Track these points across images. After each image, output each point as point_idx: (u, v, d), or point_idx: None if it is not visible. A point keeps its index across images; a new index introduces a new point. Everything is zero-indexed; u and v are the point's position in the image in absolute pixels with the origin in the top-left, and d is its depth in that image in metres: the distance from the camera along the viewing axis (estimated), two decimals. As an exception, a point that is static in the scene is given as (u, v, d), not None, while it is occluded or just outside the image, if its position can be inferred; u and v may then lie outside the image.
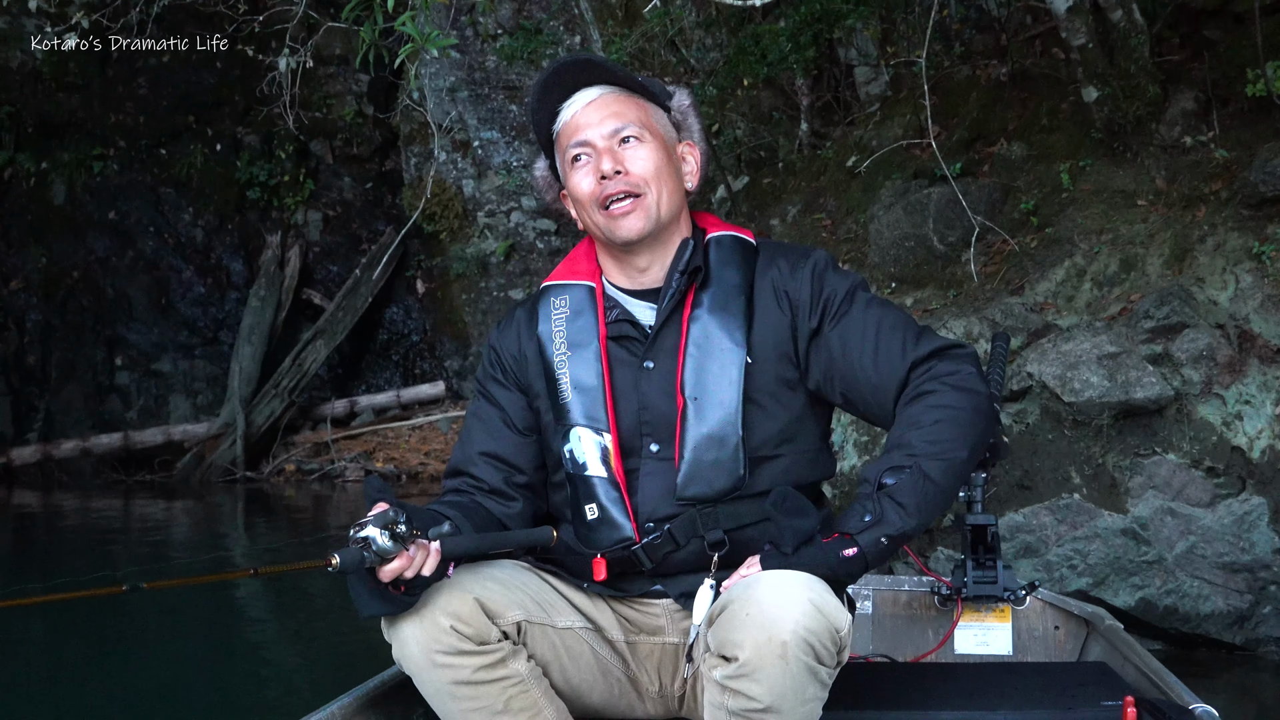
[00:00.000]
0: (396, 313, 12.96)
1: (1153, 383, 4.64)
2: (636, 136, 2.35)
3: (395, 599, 2.10)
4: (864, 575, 2.16)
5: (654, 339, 2.36)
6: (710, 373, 2.31)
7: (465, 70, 11.04)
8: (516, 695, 2.20)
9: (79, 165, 12.94)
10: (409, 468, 11.59)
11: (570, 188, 2.40)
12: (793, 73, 7.40)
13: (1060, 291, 5.34)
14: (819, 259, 2.39)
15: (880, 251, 6.07)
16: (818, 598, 2.03)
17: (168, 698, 4.91)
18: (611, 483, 2.33)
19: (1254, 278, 4.89)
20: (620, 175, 2.33)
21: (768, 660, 2.00)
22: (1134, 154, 5.61)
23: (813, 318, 2.34)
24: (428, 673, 2.16)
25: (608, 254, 2.44)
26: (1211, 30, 5.85)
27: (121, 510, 10.89)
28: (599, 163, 2.33)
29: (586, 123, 2.36)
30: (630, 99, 2.39)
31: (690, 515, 2.30)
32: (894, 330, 2.30)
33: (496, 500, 2.40)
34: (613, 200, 2.33)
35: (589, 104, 2.37)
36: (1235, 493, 4.55)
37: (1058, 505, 4.69)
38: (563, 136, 2.40)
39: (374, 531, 2.00)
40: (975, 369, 2.26)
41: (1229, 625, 4.57)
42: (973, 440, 2.20)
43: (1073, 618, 3.21)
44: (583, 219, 2.42)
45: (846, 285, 2.36)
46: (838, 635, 2.05)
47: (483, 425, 2.45)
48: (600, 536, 2.34)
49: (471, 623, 2.14)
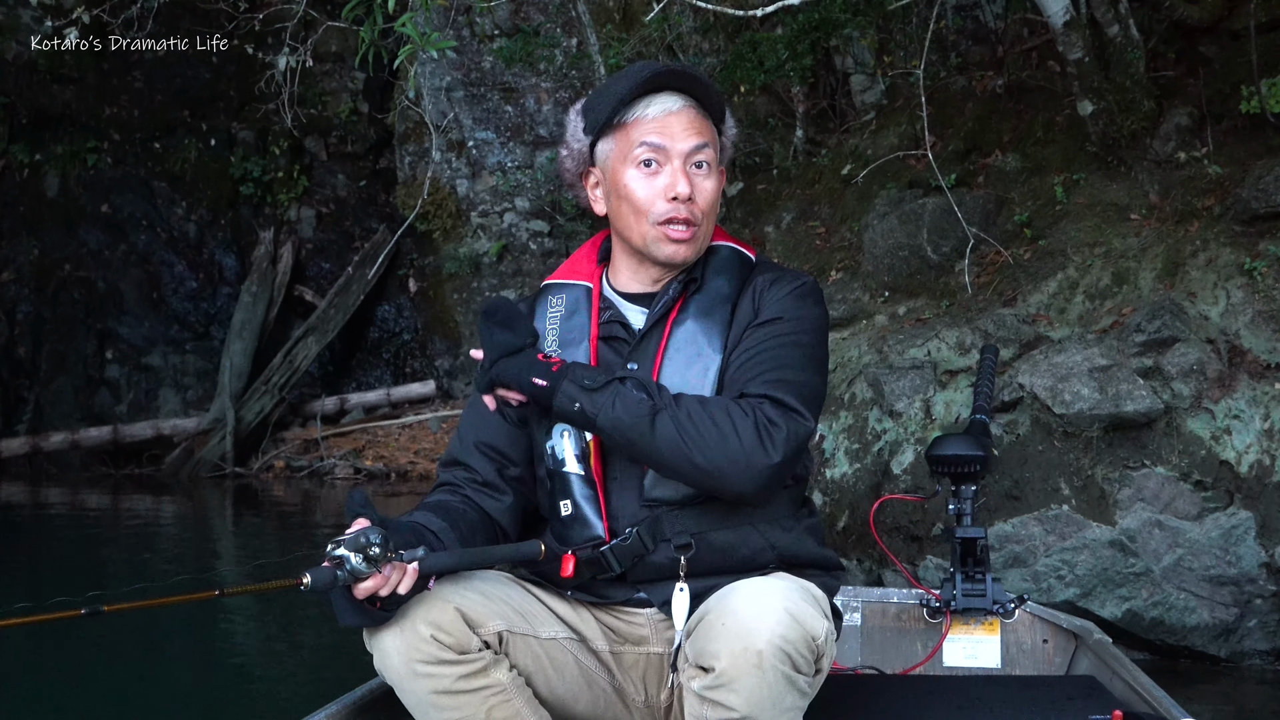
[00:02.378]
0: (388, 311, 12.95)
1: (1143, 396, 4.66)
2: (709, 163, 2.35)
3: (372, 613, 2.10)
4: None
5: (639, 342, 2.38)
6: (685, 377, 2.31)
7: (461, 70, 11.03)
8: (498, 705, 2.19)
9: (73, 158, 12.92)
10: (398, 466, 11.58)
11: (623, 186, 2.36)
12: (789, 80, 7.41)
13: (1053, 303, 5.37)
14: (803, 281, 2.39)
15: (874, 260, 6.09)
16: (794, 606, 2.03)
17: (149, 709, 4.82)
18: (587, 481, 2.34)
19: (1245, 293, 4.92)
20: (690, 204, 2.32)
21: (744, 670, 2.00)
22: (1128, 168, 5.64)
23: (754, 321, 2.34)
24: (409, 682, 2.15)
25: (626, 255, 2.44)
26: (1207, 47, 5.88)
27: (109, 505, 10.87)
28: (675, 181, 2.31)
29: (669, 131, 2.32)
30: (706, 120, 2.37)
31: (656, 516, 2.30)
32: (776, 367, 2.26)
33: (488, 494, 2.40)
34: (673, 223, 2.33)
35: (674, 113, 2.33)
36: (1223, 506, 4.57)
37: (1046, 516, 4.71)
38: (634, 130, 2.34)
39: (348, 552, 2.00)
40: (789, 433, 2.19)
41: (1215, 638, 4.59)
42: (709, 464, 2.16)
43: (1061, 631, 3.21)
44: (623, 218, 2.39)
45: (789, 310, 2.34)
46: (814, 643, 2.05)
47: (479, 415, 2.46)
48: (573, 534, 2.34)
49: (452, 632, 2.14)
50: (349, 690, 2.50)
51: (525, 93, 10.89)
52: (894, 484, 5.06)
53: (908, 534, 4.95)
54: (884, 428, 5.24)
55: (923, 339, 5.43)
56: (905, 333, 5.58)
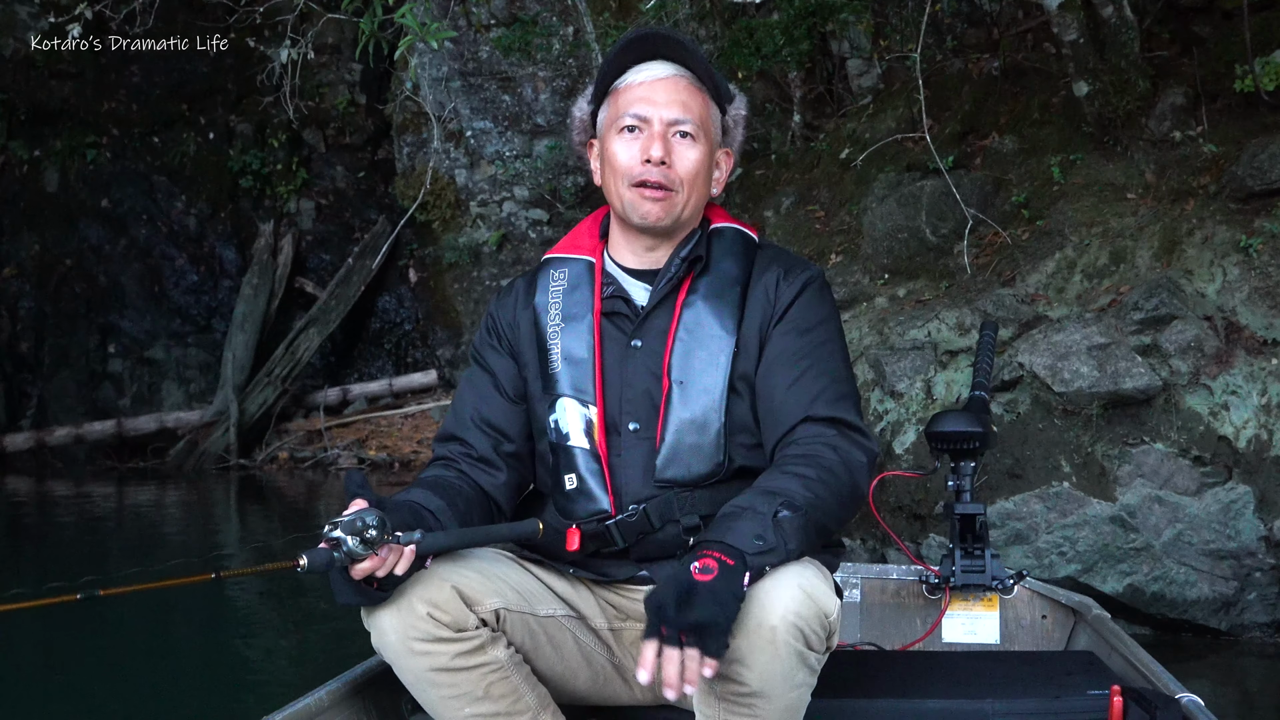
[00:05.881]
0: (389, 301, 12.96)
1: (1141, 373, 4.69)
2: (692, 135, 2.33)
3: (369, 593, 2.10)
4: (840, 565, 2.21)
5: (644, 319, 2.37)
6: (698, 358, 2.32)
7: (458, 60, 11.04)
8: (496, 682, 2.19)
9: (72, 153, 12.91)
10: (401, 456, 11.60)
11: (608, 151, 2.37)
12: (785, 65, 7.42)
13: (1051, 283, 5.40)
14: (814, 275, 2.39)
15: (873, 243, 6.12)
16: (807, 583, 2.04)
17: (151, 691, 4.85)
18: (593, 455, 2.34)
19: (1241, 270, 4.95)
20: (664, 167, 2.31)
21: (757, 645, 2.00)
22: (1124, 148, 5.66)
23: (776, 319, 2.35)
24: (406, 660, 2.16)
25: (619, 225, 2.44)
26: (1201, 26, 5.90)
27: (114, 499, 10.90)
28: (649, 144, 2.31)
29: (652, 99, 2.32)
30: (699, 91, 2.36)
31: (667, 498, 2.31)
32: (820, 378, 2.29)
33: (484, 469, 2.40)
34: (645, 185, 2.32)
35: (660, 80, 2.33)
36: (1221, 481, 4.61)
37: (1047, 493, 4.74)
38: (622, 98, 2.35)
39: (344, 535, 2.01)
40: (868, 461, 2.25)
41: (1214, 611, 4.63)
42: (839, 518, 2.21)
43: (1060, 607, 3.21)
44: (607, 183, 2.40)
45: (818, 313, 2.36)
46: (827, 620, 2.06)
47: (475, 390, 2.46)
48: (577, 508, 2.34)
49: (448, 610, 2.13)
50: (348, 669, 2.50)
51: (522, 82, 10.90)
52: (896, 463, 5.09)
53: (910, 512, 4.99)
54: (886, 408, 5.27)
55: (923, 320, 5.46)
56: (905, 314, 5.61)
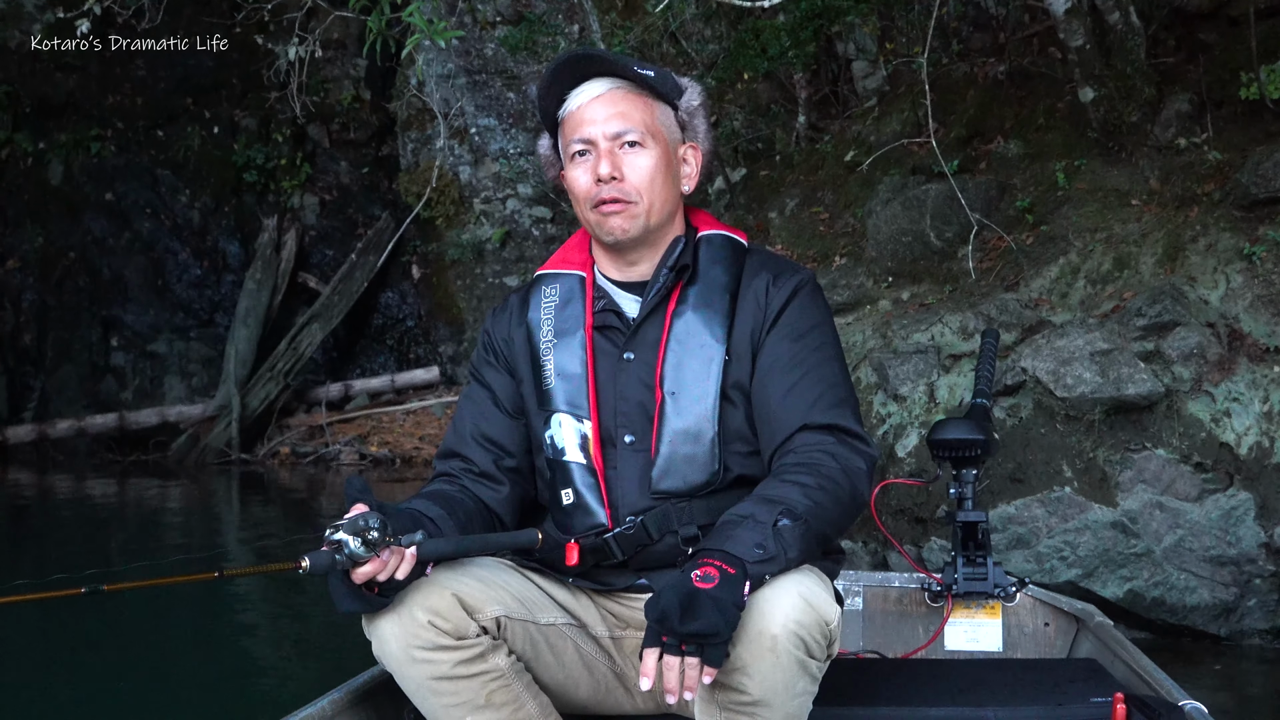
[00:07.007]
0: (392, 297, 12.97)
1: (1144, 379, 4.70)
2: (639, 142, 2.33)
3: (370, 599, 2.10)
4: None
5: (635, 331, 2.37)
6: (689, 368, 2.32)
7: (464, 57, 11.05)
8: (497, 690, 2.19)
9: (76, 146, 12.93)
10: (403, 452, 11.62)
11: (568, 180, 2.39)
12: (791, 67, 7.43)
13: (1054, 288, 5.41)
14: (805, 279, 2.39)
15: (878, 246, 6.12)
16: (807, 591, 2.04)
17: (151, 689, 4.85)
18: (589, 469, 2.34)
19: (1244, 278, 4.96)
20: (615, 182, 2.32)
21: (758, 654, 2.00)
22: (1129, 154, 5.67)
23: (768, 325, 2.35)
24: (407, 668, 2.16)
25: (600, 245, 2.44)
26: (1207, 33, 5.90)
27: (115, 492, 10.91)
28: (597, 164, 2.32)
29: (591, 119, 2.33)
30: (638, 97, 2.36)
31: (664, 509, 2.31)
32: (817, 384, 2.29)
33: (485, 484, 2.41)
34: (603, 204, 2.33)
35: (595, 99, 2.34)
36: (1223, 488, 4.62)
37: (1049, 498, 4.75)
38: (567, 126, 2.37)
39: (346, 536, 2.01)
40: (867, 467, 2.25)
41: (1215, 617, 4.64)
42: (839, 526, 2.22)
43: (1063, 614, 3.21)
44: (577, 211, 2.42)
45: (811, 318, 2.36)
46: (827, 628, 2.06)
47: (475, 407, 2.47)
48: (575, 522, 2.35)
49: (449, 618, 2.14)
50: (351, 676, 2.51)
51: (527, 79, 10.91)
52: (899, 467, 5.10)
53: (912, 516, 5.00)
54: (888, 412, 5.28)
55: (926, 324, 5.47)
56: (909, 318, 5.62)
